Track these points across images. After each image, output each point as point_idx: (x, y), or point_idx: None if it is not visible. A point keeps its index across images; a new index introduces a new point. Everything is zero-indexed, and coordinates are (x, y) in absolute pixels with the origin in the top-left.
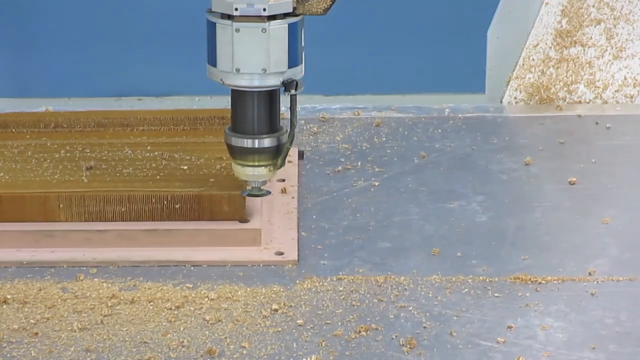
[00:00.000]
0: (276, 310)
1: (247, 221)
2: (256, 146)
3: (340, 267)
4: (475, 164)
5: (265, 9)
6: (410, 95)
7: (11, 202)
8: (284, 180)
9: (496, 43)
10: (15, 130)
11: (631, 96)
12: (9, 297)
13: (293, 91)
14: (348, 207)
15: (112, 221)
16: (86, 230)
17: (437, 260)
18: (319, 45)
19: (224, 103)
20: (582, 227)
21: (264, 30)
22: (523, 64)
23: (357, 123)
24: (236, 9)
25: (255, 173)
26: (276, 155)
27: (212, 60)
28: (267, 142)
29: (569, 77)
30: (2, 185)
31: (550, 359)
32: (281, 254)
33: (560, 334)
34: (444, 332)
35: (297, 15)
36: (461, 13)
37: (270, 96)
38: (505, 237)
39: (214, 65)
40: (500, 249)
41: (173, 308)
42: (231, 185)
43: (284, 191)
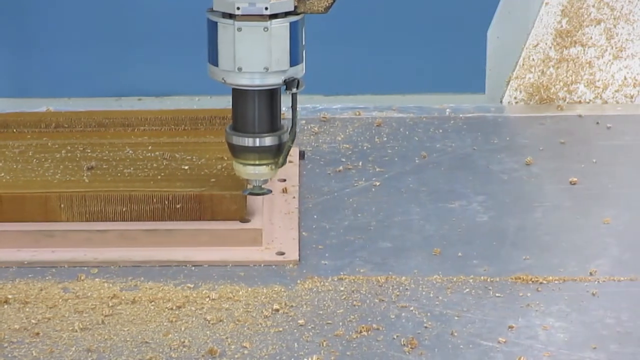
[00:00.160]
0: (277, 310)
1: (248, 221)
2: (257, 145)
3: (341, 267)
4: (476, 164)
5: (267, 8)
6: (411, 95)
7: (12, 202)
8: (284, 180)
9: (496, 43)
10: (16, 130)
11: (631, 96)
12: (10, 297)
13: (294, 90)
14: (349, 207)
15: (113, 221)
16: (86, 230)
17: (438, 260)
18: (320, 45)
19: (224, 103)
20: (583, 227)
21: (265, 29)
22: (523, 64)
23: (358, 123)
24: (238, 8)
25: (256, 172)
26: (277, 153)
27: (214, 60)
28: (268, 141)
29: (569, 77)
30: (3, 185)
31: (552, 359)
32: (282, 254)
33: (561, 334)
34: (445, 332)
35: (298, 14)
36: (461, 13)
37: (272, 95)
38: (506, 237)
39: (216, 64)
40: (501, 249)
41: (174, 308)
42: (232, 185)
43: (285, 191)
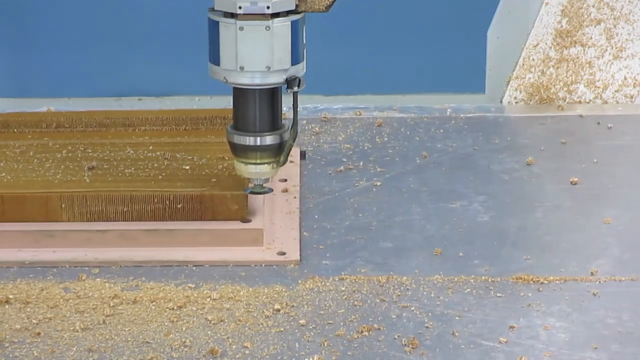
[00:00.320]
0: (278, 310)
1: (249, 221)
2: (258, 144)
3: (342, 267)
4: (477, 164)
5: (269, 7)
6: (411, 95)
7: (13, 202)
8: (285, 180)
9: (496, 43)
10: (17, 130)
11: (631, 96)
12: (11, 297)
13: (296, 88)
14: (350, 207)
15: (114, 221)
16: (87, 231)
17: (439, 260)
18: (321, 45)
19: (225, 103)
20: (584, 227)
21: (267, 28)
22: (523, 64)
23: (358, 123)
24: (240, 7)
25: (257, 171)
26: (279, 152)
27: (215, 59)
28: (269, 140)
29: (569, 77)
30: (4, 185)
31: (553, 359)
32: (283, 254)
33: (562, 334)
34: (446, 332)
35: (299, 13)
36: (461, 13)
37: (273, 94)
38: (507, 237)
39: (217, 63)
40: (502, 249)
41: (175, 308)
42: (233, 185)
43: (285, 191)
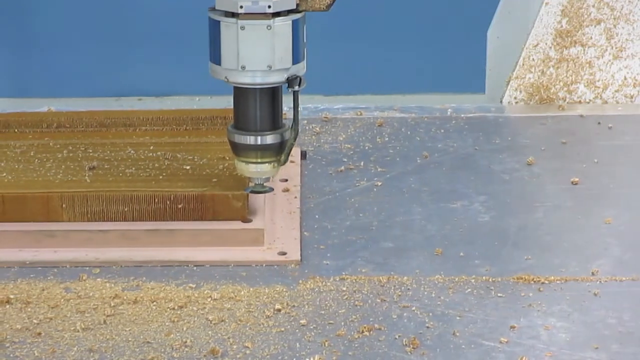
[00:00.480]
0: (279, 310)
1: (250, 221)
2: (259, 143)
3: (343, 267)
4: (478, 164)
5: (270, 6)
6: (411, 95)
7: (14, 202)
8: (286, 180)
9: (496, 43)
10: (17, 130)
11: (631, 96)
12: (12, 297)
13: (297, 87)
14: (351, 207)
15: (115, 221)
16: (88, 231)
17: (440, 260)
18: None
19: (225, 103)
20: (585, 227)
21: (269, 27)
22: (523, 64)
23: (359, 123)
24: (241, 7)
25: (258, 170)
26: (279, 151)
27: (216, 59)
28: (270, 139)
29: (569, 77)
30: (5, 185)
31: (553, 359)
32: (284, 254)
33: (563, 334)
34: (447, 332)
35: (299, 12)
36: (461, 13)
37: (274, 93)
38: (507, 237)
39: (218, 63)
40: (503, 249)
41: (176, 308)
42: (234, 185)
43: (286, 191)
